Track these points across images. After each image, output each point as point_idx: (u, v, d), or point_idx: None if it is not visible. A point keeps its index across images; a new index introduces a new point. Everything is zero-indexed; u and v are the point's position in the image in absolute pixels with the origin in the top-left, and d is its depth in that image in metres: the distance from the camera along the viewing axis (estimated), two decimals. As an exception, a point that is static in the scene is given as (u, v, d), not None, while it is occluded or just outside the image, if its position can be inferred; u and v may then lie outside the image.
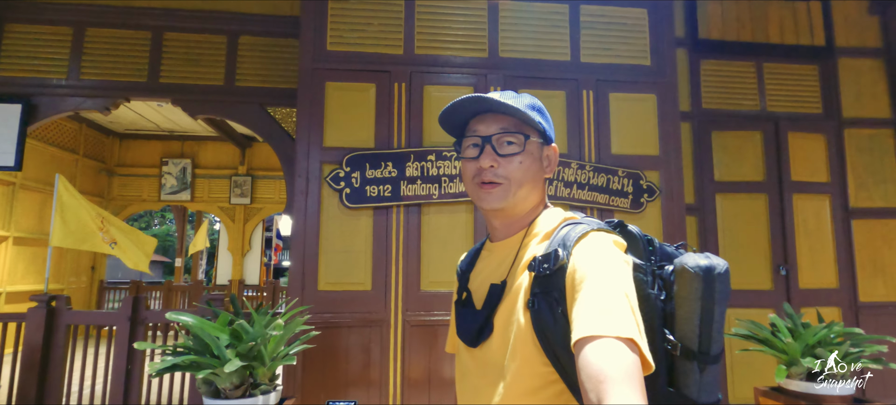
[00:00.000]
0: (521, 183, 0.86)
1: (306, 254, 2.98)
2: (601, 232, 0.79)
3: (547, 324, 0.74)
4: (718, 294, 0.79)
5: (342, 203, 3.02)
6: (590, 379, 0.62)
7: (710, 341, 0.79)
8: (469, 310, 0.88)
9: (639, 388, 0.61)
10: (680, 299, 0.81)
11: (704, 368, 0.79)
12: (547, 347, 0.74)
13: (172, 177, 9.29)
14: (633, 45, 3.43)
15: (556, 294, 0.74)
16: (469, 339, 0.86)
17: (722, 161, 4.05)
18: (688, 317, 0.80)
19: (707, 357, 0.79)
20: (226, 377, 1.82)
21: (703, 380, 0.80)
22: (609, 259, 0.74)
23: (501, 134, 0.86)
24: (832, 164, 4.13)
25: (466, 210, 3.15)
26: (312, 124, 3.09)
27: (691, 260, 0.80)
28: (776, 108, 4.17)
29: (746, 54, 4.21)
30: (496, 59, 3.30)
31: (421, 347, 3.00)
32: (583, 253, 0.75)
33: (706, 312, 0.79)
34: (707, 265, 0.79)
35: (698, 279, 0.78)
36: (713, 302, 0.79)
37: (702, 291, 0.78)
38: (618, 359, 0.62)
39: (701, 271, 0.78)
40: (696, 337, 0.79)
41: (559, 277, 0.75)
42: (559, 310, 0.74)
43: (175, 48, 3.83)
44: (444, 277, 3.08)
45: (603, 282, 0.70)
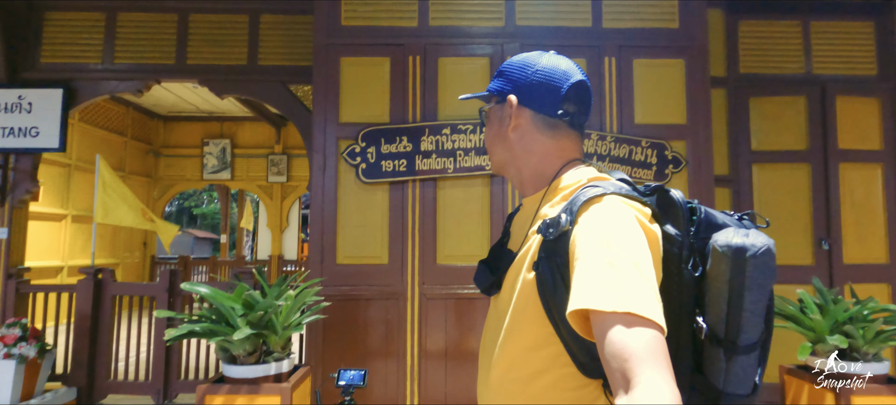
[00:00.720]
0: (489, 148, 0.91)
1: (325, 228, 3.04)
2: (618, 196, 0.73)
3: (548, 289, 0.72)
4: (750, 279, 0.69)
5: (358, 178, 3.06)
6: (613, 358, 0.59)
7: (738, 330, 0.71)
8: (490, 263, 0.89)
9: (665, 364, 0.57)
10: (709, 280, 0.74)
11: (731, 358, 0.72)
12: (548, 310, 0.73)
13: (213, 156, 9.66)
14: (659, 7, 3.24)
15: (558, 260, 0.72)
16: (482, 289, 0.88)
17: (760, 129, 3.81)
18: (714, 301, 0.73)
19: (734, 347, 0.71)
20: (238, 344, 1.91)
21: (730, 369, 0.72)
22: (617, 227, 0.69)
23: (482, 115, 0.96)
24: (887, 130, 3.81)
25: (482, 183, 3.12)
26: (328, 100, 3.12)
27: (723, 237, 0.72)
28: (823, 71, 3.87)
29: (791, 12, 3.90)
30: (513, 27, 3.20)
31: (438, 320, 3.03)
32: (588, 219, 0.71)
33: (735, 298, 0.70)
34: (738, 245, 0.69)
35: (726, 260, 0.70)
36: (743, 287, 0.69)
37: (730, 274, 0.70)
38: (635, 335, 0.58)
39: (730, 251, 0.69)
40: (722, 323, 0.72)
41: (562, 243, 0.72)
42: (560, 276, 0.71)
43: (200, 29, 3.93)
44: (460, 251, 3.08)
45: (606, 251, 0.66)
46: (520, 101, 0.86)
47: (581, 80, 0.85)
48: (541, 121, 0.85)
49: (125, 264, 8.75)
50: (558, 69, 0.85)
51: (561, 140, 0.85)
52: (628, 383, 0.56)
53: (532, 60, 0.87)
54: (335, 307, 3.01)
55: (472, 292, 3.03)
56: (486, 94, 0.90)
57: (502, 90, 0.88)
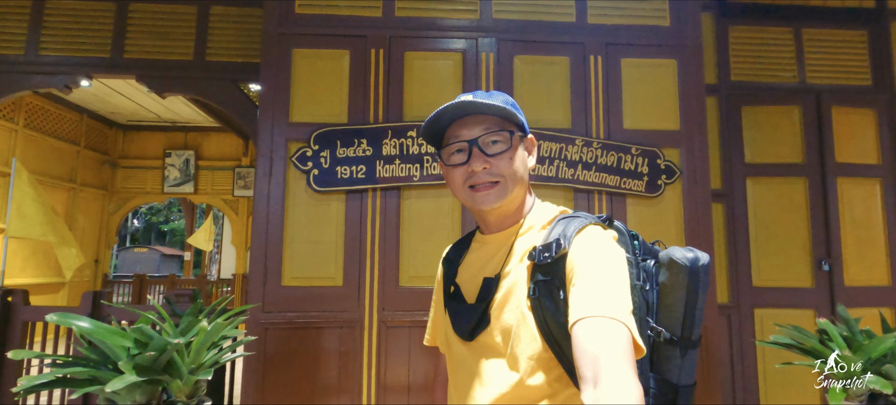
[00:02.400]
0: (515, 178, 0.87)
1: (269, 244, 2.61)
2: (598, 226, 0.84)
3: (548, 310, 0.77)
4: (702, 283, 0.85)
5: (310, 186, 2.64)
6: (585, 355, 0.66)
7: (692, 328, 0.85)
8: (461, 305, 0.89)
9: (632, 366, 0.64)
10: (667, 288, 0.87)
11: (685, 353, 0.85)
12: (547, 334, 0.77)
13: (176, 168, 9.10)
14: (649, 3, 2.95)
15: (556, 281, 0.77)
16: (464, 334, 0.87)
17: (754, 140, 3.54)
18: (673, 305, 0.86)
19: (689, 342, 0.85)
20: (125, 394, 1.46)
21: (684, 364, 0.85)
22: (607, 250, 0.78)
23: (486, 134, 0.86)
24: (884, 143, 3.58)
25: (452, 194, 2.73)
26: (277, 97, 2.72)
27: (679, 252, 0.86)
28: (817, 80, 3.64)
29: (783, 19, 3.68)
30: (489, 21, 2.87)
31: (400, 351, 2.61)
32: (583, 243, 0.78)
33: (691, 300, 0.85)
34: (693, 257, 0.85)
35: (685, 269, 0.84)
36: (697, 291, 0.85)
37: (688, 281, 0.84)
38: (612, 337, 0.65)
39: (688, 262, 0.85)
40: (679, 324, 0.85)
41: (560, 266, 0.78)
42: (560, 294, 0.76)
43: (141, 20, 3.50)
44: (427, 272, 2.68)
45: (601, 270, 0.74)
46: None
47: None
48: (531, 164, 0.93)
49: (72, 283, 8.06)
50: None
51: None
52: (597, 379, 0.63)
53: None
54: (280, 337, 2.56)
55: (440, 319, 2.62)
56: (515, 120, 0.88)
57: (525, 126, 0.91)
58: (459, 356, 0.90)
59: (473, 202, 0.88)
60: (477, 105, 0.84)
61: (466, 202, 0.89)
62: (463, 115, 0.87)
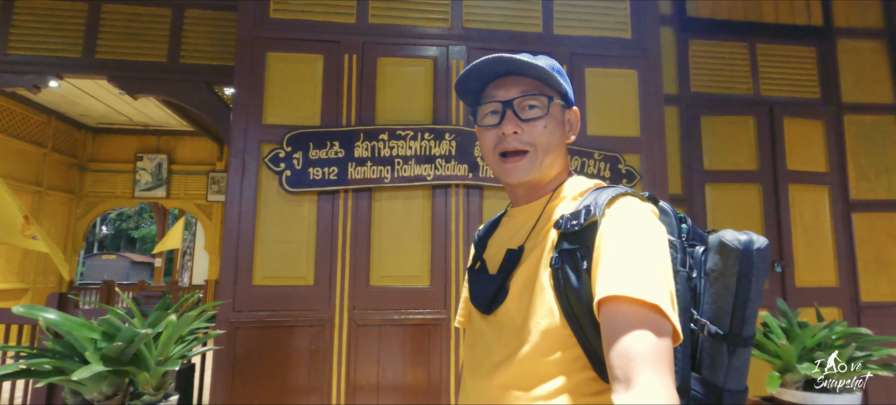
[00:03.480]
0: (547, 149, 0.81)
1: (240, 244, 2.64)
2: (636, 197, 0.76)
3: (570, 283, 0.70)
4: (756, 270, 0.74)
5: (282, 187, 2.69)
6: (618, 355, 0.60)
7: (743, 322, 0.74)
8: (483, 276, 0.85)
9: (669, 370, 0.59)
10: (714, 275, 0.77)
11: (734, 351, 0.74)
12: (567, 309, 0.71)
13: (147, 172, 8.94)
14: (612, 15, 3.10)
15: (582, 252, 0.71)
16: (482, 306, 0.82)
17: (712, 148, 3.73)
18: (721, 295, 0.75)
19: (738, 339, 0.74)
20: (91, 385, 1.48)
21: (732, 364, 0.74)
22: (644, 222, 0.70)
23: (523, 97, 0.81)
24: (831, 152, 3.81)
25: (424, 195, 2.81)
26: (251, 99, 2.76)
27: (730, 234, 0.76)
28: (770, 93, 3.86)
29: (738, 34, 3.90)
30: (459, 29, 2.98)
31: (370, 350, 2.66)
32: (617, 213, 0.71)
33: (742, 290, 0.74)
34: (746, 240, 0.75)
35: (737, 253, 0.74)
36: (750, 278, 0.74)
37: (739, 267, 0.74)
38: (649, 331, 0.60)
39: (740, 245, 0.74)
40: (728, 316, 0.75)
41: (588, 235, 0.71)
42: (584, 266, 0.70)
43: (114, 21, 3.49)
44: (398, 271, 2.74)
45: (636, 243, 0.67)
46: None
47: None
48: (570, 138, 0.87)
49: (36, 289, 7.81)
50: None
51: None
52: (629, 382, 0.58)
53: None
54: (250, 336, 2.59)
55: (410, 318, 2.69)
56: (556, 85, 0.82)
57: (568, 95, 0.85)
58: (477, 330, 0.85)
59: (502, 173, 0.83)
60: (517, 63, 0.78)
61: (495, 170, 0.84)
62: (505, 74, 0.82)
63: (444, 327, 2.71)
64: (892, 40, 3.96)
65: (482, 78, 0.83)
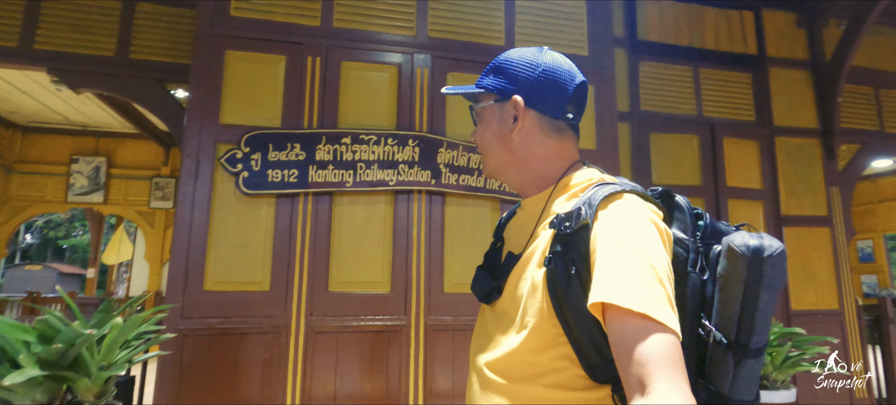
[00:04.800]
0: (485, 149, 0.87)
1: (191, 247, 2.52)
2: (635, 195, 0.73)
3: (561, 284, 0.70)
4: (766, 278, 0.69)
5: (239, 189, 2.60)
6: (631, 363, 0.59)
7: (750, 332, 0.70)
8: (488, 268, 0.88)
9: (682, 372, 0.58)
10: (722, 281, 0.72)
11: (740, 362, 0.71)
12: (558, 308, 0.70)
13: (83, 176, 8.35)
14: (570, 33, 3.24)
15: (574, 254, 0.70)
16: (480, 296, 0.85)
17: (660, 163, 3.94)
18: (727, 302, 0.71)
19: (744, 349, 0.70)
20: (23, 392, 1.36)
21: (738, 374, 0.71)
22: (638, 225, 0.68)
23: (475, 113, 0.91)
24: (765, 171, 4.12)
25: (386, 201, 2.80)
26: (208, 97, 2.66)
27: (739, 237, 0.72)
28: (712, 114, 4.14)
29: (684, 58, 4.17)
30: (424, 39, 3.01)
31: (327, 358, 2.59)
32: (610, 214, 0.70)
33: (749, 298, 0.70)
34: (756, 245, 0.70)
35: (744, 259, 0.70)
36: (759, 287, 0.69)
37: (746, 274, 0.70)
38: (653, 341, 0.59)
39: (748, 251, 0.69)
40: (734, 325, 0.71)
41: (581, 237, 0.70)
42: (573, 270, 0.69)
43: (56, 11, 3.28)
44: (358, 277, 2.70)
45: (629, 248, 0.65)
46: (526, 102, 0.82)
47: (584, 81, 0.86)
48: (547, 123, 0.83)
49: (-52, 301, 7.07)
50: (563, 69, 0.83)
51: (564, 141, 0.84)
52: (644, 388, 0.57)
53: (535, 58, 0.84)
54: (199, 344, 2.46)
55: (370, 325, 2.65)
56: (481, 92, 0.87)
57: (505, 89, 0.84)
58: (485, 318, 0.88)
59: None
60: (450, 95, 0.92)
61: None
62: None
63: (404, 334, 2.69)
64: (816, 70, 4.36)
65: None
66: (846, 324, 3.99)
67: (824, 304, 4.01)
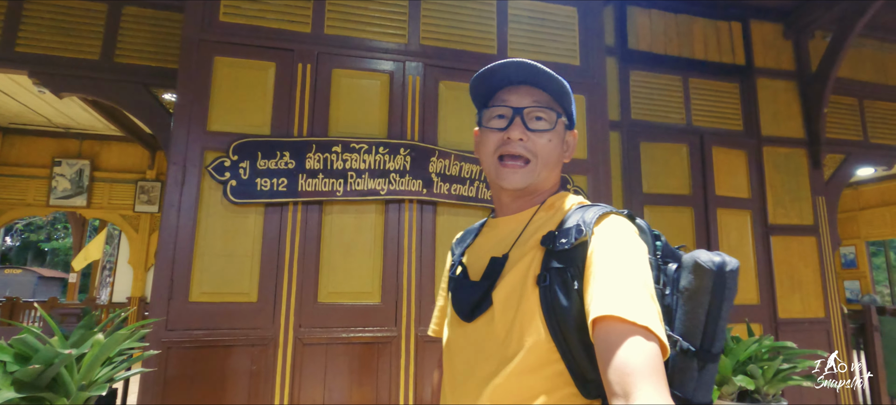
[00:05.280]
0: (546, 162, 0.84)
1: (177, 257, 2.46)
2: (621, 217, 0.79)
3: (558, 300, 0.72)
4: (728, 291, 0.77)
5: (226, 197, 2.55)
6: (615, 372, 0.62)
7: (713, 339, 0.77)
8: (465, 282, 0.85)
9: (664, 382, 0.61)
10: (688, 294, 0.79)
11: (704, 366, 0.78)
12: (553, 325, 0.72)
13: (66, 179, 8.18)
14: (562, 43, 3.25)
15: (572, 270, 0.73)
16: (464, 313, 0.83)
17: (650, 172, 3.95)
18: (694, 312, 0.78)
19: (708, 355, 0.77)
20: (-1, 414, 1.30)
21: (701, 378, 0.78)
22: (632, 244, 0.74)
23: (534, 108, 0.84)
24: (752, 180, 4.16)
25: (377, 210, 2.77)
26: (195, 103, 2.61)
27: (705, 255, 0.79)
28: (701, 123, 4.17)
29: (673, 68, 4.20)
30: (417, 46, 2.99)
31: (316, 371, 2.54)
32: (606, 232, 0.74)
33: (714, 308, 0.77)
34: (720, 261, 0.77)
35: (711, 274, 0.77)
36: (722, 298, 0.77)
37: (713, 286, 0.77)
38: (642, 351, 0.62)
39: (715, 266, 0.77)
40: (699, 333, 0.78)
41: (578, 254, 0.73)
42: (575, 285, 0.72)
43: (39, 13, 3.21)
44: (348, 288, 2.66)
45: (627, 264, 0.70)
46: None
47: None
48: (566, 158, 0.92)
49: (-78, 307, 6.87)
50: None
51: None
52: (628, 396, 0.60)
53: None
54: (184, 357, 2.40)
55: (360, 336, 2.61)
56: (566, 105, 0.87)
57: (573, 117, 0.89)
58: (456, 342, 0.85)
59: (498, 176, 0.84)
60: (539, 73, 0.81)
61: (490, 172, 0.86)
62: (522, 82, 0.85)
63: (395, 345, 2.65)
64: (802, 81, 4.42)
65: (495, 81, 0.86)
66: (832, 331, 4.04)
67: (811, 313, 4.05)
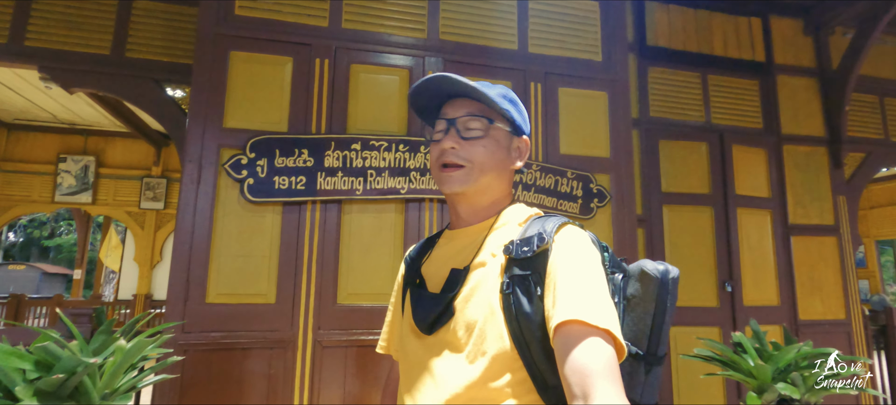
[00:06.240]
0: (483, 168, 0.85)
1: (193, 258, 2.40)
2: (577, 227, 0.81)
3: (521, 307, 0.73)
4: (671, 297, 0.83)
5: (243, 196, 2.48)
6: (575, 373, 0.64)
7: (658, 342, 0.82)
8: (424, 294, 0.85)
9: (620, 384, 0.64)
10: (635, 301, 0.84)
11: (650, 369, 0.82)
12: (517, 333, 0.73)
13: (71, 175, 8.13)
14: (583, 38, 3.17)
15: (534, 277, 0.74)
16: (425, 326, 0.82)
17: (668, 171, 3.88)
18: (641, 319, 0.83)
19: (654, 358, 0.82)
20: (20, 425, 1.24)
21: (648, 381, 0.82)
22: (590, 252, 0.76)
23: (466, 117, 0.86)
24: (772, 179, 4.09)
25: (396, 210, 2.70)
26: (211, 100, 2.54)
27: (650, 264, 0.84)
28: (720, 121, 4.09)
29: (692, 64, 4.11)
30: (436, 41, 2.92)
31: (335, 373, 2.48)
32: (566, 241, 0.76)
33: (659, 314, 0.82)
34: (664, 269, 0.84)
35: (656, 282, 0.83)
36: (666, 304, 0.83)
37: (657, 293, 0.83)
38: (601, 354, 0.64)
39: (659, 274, 0.83)
40: (645, 338, 0.83)
41: (540, 261, 0.75)
42: (538, 292, 0.73)
43: (49, 7, 3.14)
44: (367, 289, 2.60)
45: (587, 271, 0.72)
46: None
47: None
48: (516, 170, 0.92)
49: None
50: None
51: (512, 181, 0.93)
52: (587, 397, 0.62)
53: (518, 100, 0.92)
54: (200, 359, 2.34)
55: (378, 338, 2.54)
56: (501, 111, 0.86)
57: (521, 128, 0.90)
58: (414, 356, 0.84)
59: (440, 181, 0.87)
60: (462, 86, 0.83)
61: (437, 181, 0.88)
62: (457, 95, 0.88)
63: (415, 348, 2.59)
64: (823, 78, 4.34)
65: (437, 96, 0.89)
66: (853, 333, 3.97)
67: (831, 315, 3.98)
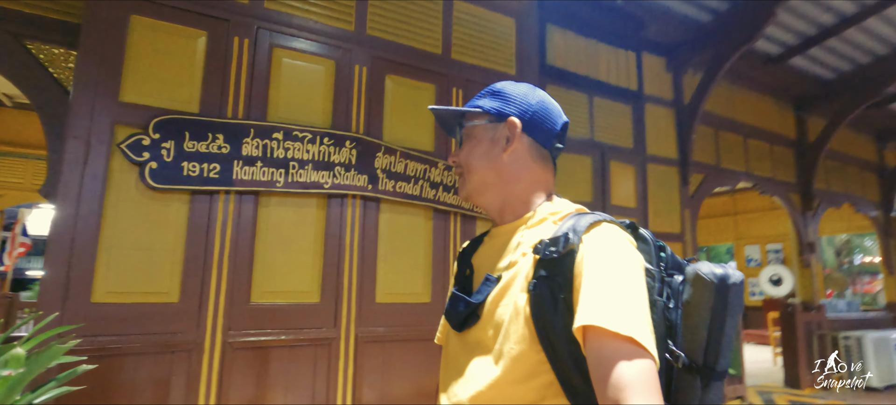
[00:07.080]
0: (470, 168, 0.87)
1: (76, 250, 2.05)
2: (614, 225, 0.77)
3: (546, 309, 0.71)
4: (731, 305, 0.75)
5: (144, 181, 2.19)
6: (607, 384, 0.61)
7: (717, 355, 0.74)
8: (457, 296, 0.84)
9: (658, 396, 0.61)
10: (690, 307, 0.76)
11: (708, 385, 0.74)
12: (542, 335, 0.71)
13: None
14: (500, 51, 3.38)
15: (560, 279, 0.71)
16: (456, 324, 0.83)
17: (559, 180, 4.30)
18: (696, 327, 0.75)
19: (712, 372, 0.74)
20: None
21: (705, 397, 0.74)
22: (622, 252, 0.72)
23: (460, 132, 0.92)
24: (639, 192, 4.77)
25: (318, 205, 2.61)
26: (103, 68, 2.20)
27: (706, 267, 0.77)
28: (601, 139, 4.65)
29: (581, 87, 4.62)
30: (362, 35, 2.87)
31: (247, 377, 2.32)
32: (595, 241, 0.72)
33: (716, 323, 0.74)
34: (722, 273, 0.75)
35: (711, 287, 0.75)
36: (725, 313, 0.75)
37: (714, 300, 0.75)
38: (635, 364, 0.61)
39: (715, 278, 0.75)
40: (702, 349, 0.75)
41: (566, 263, 0.71)
42: (561, 296, 0.70)
43: None
44: (285, 286, 2.47)
45: (615, 273, 0.69)
46: (522, 126, 0.85)
47: (567, 121, 0.91)
48: (536, 150, 0.86)
49: None
50: (554, 106, 0.90)
51: (547, 172, 0.88)
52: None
53: (532, 91, 0.89)
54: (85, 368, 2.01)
55: (297, 337, 2.44)
56: (477, 111, 0.88)
57: (500, 112, 0.87)
58: (452, 350, 0.86)
59: None
60: (439, 112, 0.92)
61: None
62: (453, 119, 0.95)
63: (334, 346, 2.53)
64: (678, 110, 5.18)
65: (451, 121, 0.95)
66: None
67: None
